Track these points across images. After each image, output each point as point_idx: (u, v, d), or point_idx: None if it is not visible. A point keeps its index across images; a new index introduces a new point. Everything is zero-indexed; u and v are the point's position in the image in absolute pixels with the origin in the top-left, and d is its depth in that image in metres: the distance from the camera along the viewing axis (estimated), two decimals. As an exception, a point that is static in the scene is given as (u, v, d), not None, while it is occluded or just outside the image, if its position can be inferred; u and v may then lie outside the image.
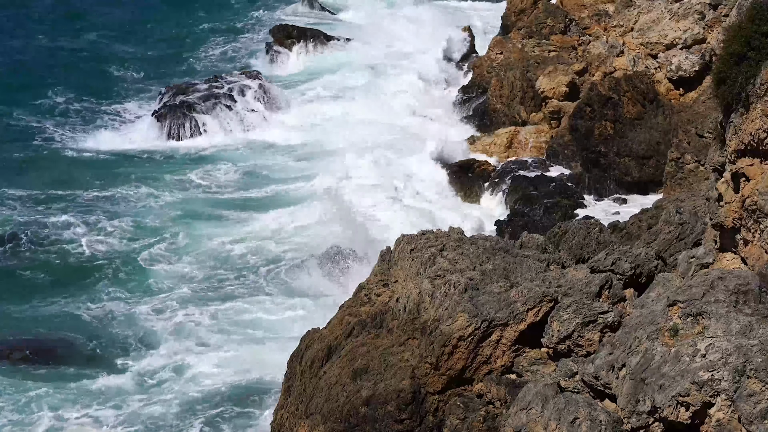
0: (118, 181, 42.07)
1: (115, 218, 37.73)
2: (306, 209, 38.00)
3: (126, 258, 34.83)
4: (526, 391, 15.79)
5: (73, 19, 67.59)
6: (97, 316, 31.14)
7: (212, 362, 27.99)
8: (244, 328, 30.12)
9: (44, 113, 50.57)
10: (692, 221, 21.36)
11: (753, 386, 13.06)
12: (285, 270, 33.63)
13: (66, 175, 42.56)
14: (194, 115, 48.33)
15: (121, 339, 29.80)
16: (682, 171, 35.34)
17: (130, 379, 27.57)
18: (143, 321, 30.63)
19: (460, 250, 20.00)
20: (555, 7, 49.91)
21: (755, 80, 15.47)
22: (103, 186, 41.46)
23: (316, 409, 19.29)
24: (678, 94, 40.21)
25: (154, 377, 27.64)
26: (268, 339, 29.25)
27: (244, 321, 30.51)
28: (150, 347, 29.20)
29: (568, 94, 42.66)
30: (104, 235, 36.50)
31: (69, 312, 31.36)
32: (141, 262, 34.49)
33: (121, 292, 32.56)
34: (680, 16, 41.66)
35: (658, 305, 15.13)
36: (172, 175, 42.83)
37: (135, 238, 36.33)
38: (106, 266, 34.18)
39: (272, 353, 27.43)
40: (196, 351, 28.74)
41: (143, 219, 37.76)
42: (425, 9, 71.47)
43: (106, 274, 33.68)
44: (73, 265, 34.58)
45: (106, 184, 41.67)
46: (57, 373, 28.09)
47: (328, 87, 54.58)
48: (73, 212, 38.41)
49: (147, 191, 40.87)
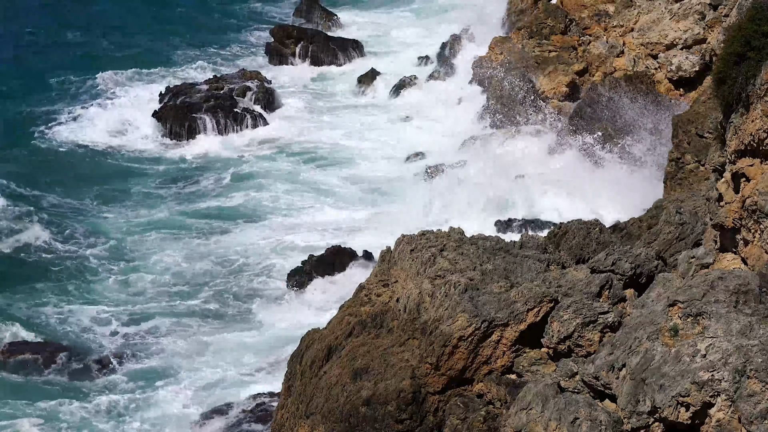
0: (103, 179, 42.22)
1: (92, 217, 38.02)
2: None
3: (81, 262, 34.79)
4: (526, 391, 15.79)
5: (60, 14, 67.33)
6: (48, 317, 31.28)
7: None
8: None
9: (36, 105, 50.65)
10: (692, 221, 21.37)
11: (753, 386, 13.06)
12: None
13: (51, 171, 42.82)
14: (194, 115, 48.31)
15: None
16: (682, 171, 35.31)
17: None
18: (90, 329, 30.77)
19: (461, 250, 20.00)
20: (555, 7, 49.87)
21: (755, 80, 15.47)
22: (89, 183, 41.65)
23: (316, 409, 19.29)
24: (678, 94, 40.21)
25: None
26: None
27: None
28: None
29: (568, 94, 42.66)
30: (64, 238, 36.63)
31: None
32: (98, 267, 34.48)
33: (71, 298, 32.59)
34: (680, 16, 41.67)
35: (658, 305, 15.13)
36: (167, 176, 42.91)
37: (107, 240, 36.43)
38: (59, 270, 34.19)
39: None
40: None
41: (125, 220, 37.81)
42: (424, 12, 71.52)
43: (59, 278, 33.70)
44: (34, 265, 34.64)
45: (91, 182, 41.83)
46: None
47: (328, 87, 54.60)
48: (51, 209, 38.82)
49: (138, 190, 40.90)
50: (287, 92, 53.20)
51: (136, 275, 34.03)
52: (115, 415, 26.69)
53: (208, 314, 31.62)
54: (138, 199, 40.62)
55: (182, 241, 36.52)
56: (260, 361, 28.92)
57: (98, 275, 34.07)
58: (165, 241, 36.49)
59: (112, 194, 41.04)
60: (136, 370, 28.74)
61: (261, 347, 29.75)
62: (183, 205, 40.10)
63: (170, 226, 37.95)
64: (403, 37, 64.05)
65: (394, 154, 44.86)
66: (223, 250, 35.93)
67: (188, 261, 34.99)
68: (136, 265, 34.79)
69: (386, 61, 57.87)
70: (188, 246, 36.13)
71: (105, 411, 26.79)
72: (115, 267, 34.66)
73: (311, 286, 32.30)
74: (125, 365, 28.83)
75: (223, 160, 45.19)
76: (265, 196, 40.77)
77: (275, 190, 41.55)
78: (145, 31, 65.07)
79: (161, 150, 46.48)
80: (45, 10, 67.77)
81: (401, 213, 37.79)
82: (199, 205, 40.09)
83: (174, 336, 30.05)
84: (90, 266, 34.59)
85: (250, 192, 41.37)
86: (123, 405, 27.04)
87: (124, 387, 27.94)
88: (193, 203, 40.32)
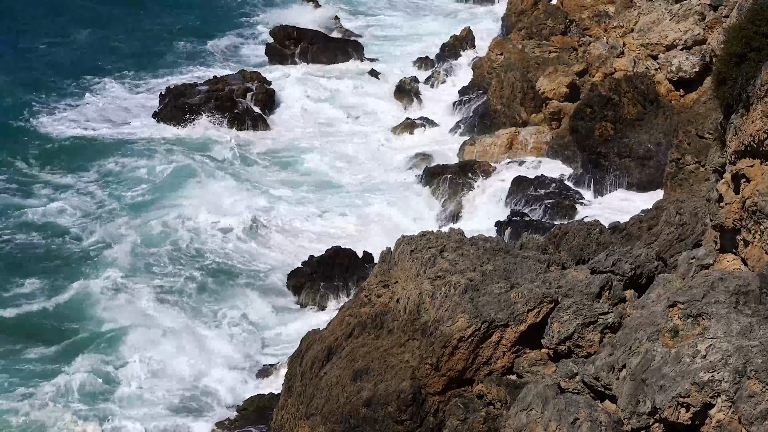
0: (103, 180, 42.32)
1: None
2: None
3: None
4: (526, 391, 15.79)
5: (60, 15, 67.33)
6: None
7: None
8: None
9: (35, 106, 50.66)
10: (692, 222, 21.39)
11: (753, 387, 13.06)
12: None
13: (51, 170, 43.06)
14: (194, 116, 48.32)
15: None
16: (683, 172, 35.33)
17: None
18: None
19: (461, 251, 20.01)
20: (555, 8, 49.93)
21: (755, 81, 15.48)
22: (89, 184, 41.76)
23: (316, 409, 19.30)
24: (678, 95, 40.21)
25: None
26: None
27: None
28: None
29: (568, 95, 42.65)
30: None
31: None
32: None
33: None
34: (680, 17, 41.67)
35: (658, 306, 15.12)
36: (167, 178, 42.95)
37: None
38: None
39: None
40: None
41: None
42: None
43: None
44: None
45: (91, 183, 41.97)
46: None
47: (328, 88, 54.60)
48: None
49: (139, 191, 41.02)
50: (287, 93, 53.15)
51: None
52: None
53: (205, 317, 31.54)
54: (139, 200, 40.57)
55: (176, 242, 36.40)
56: (260, 362, 28.90)
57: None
58: (159, 243, 36.36)
59: (112, 195, 41.03)
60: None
61: (261, 348, 29.73)
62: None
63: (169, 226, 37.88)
64: (402, 38, 64.07)
65: (394, 155, 44.84)
66: (223, 251, 35.84)
67: (182, 263, 34.81)
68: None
69: (386, 62, 57.90)
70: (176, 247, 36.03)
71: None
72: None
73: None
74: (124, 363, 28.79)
75: (222, 160, 45.12)
76: (265, 197, 40.70)
77: (274, 190, 41.51)
78: (145, 31, 65.11)
79: (161, 150, 46.49)
80: (45, 10, 67.84)
81: (401, 215, 37.81)
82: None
83: (169, 335, 29.98)
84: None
85: (250, 193, 41.35)
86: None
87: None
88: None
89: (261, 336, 30.35)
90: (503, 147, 42.11)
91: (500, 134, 42.75)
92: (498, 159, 41.51)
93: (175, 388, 27.11)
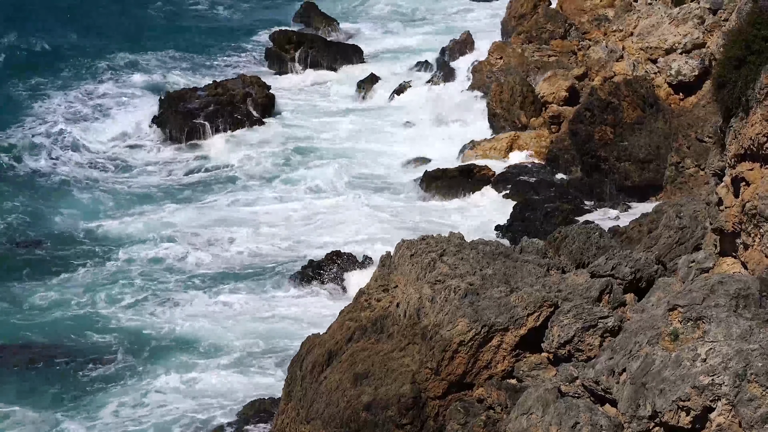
0: (104, 180, 42.42)
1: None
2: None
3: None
4: (526, 395, 15.78)
5: (60, 19, 67.40)
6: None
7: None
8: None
9: (35, 108, 50.73)
10: (692, 226, 21.38)
11: (753, 391, 13.06)
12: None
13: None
14: (194, 121, 48.30)
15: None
16: (683, 175, 35.35)
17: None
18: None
19: (461, 255, 20.01)
20: (555, 11, 49.95)
21: (755, 84, 15.47)
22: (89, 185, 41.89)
23: (316, 414, 19.30)
24: (678, 99, 40.22)
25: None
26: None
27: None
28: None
29: (567, 98, 42.66)
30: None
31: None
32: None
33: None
34: (680, 20, 41.70)
35: (658, 310, 15.12)
36: (168, 180, 42.91)
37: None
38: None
39: None
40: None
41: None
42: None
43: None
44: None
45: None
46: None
47: (327, 92, 54.60)
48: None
49: (139, 192, 40.95)
50: (287, 97, 53.17)
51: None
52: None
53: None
54: (139, 201, 40.62)
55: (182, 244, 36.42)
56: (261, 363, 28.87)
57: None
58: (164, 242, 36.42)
59: (112, 196, 41.05)
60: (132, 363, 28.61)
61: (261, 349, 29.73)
62: (183, 209, 39.98)
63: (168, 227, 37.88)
64: (402, 42, 64.09)
65: (394, 159, 44.84)
66: (223, 254, 35.87)
67: (183, 268, 34.83)
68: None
69: (386, 66, 57.90)
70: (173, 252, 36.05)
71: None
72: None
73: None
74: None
75: (222, 165, 45.14)
76: (264, 200, 40.74)
77: (275, 194, 41.52)
78: (145, 36, 65.13)
79: (161, 155, 46.50)
80: (46, 13, 67.87)
81: (400, 219, 37.79)
82: (199, 209, 39.98)
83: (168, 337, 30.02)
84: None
85: (250, 196, 41.36)
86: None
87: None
88: (193, 207, 40.20)
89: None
90: (503, 151, 42.13)
91: (500, 138, 42.77)
92: (497, 163, 41.54)
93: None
